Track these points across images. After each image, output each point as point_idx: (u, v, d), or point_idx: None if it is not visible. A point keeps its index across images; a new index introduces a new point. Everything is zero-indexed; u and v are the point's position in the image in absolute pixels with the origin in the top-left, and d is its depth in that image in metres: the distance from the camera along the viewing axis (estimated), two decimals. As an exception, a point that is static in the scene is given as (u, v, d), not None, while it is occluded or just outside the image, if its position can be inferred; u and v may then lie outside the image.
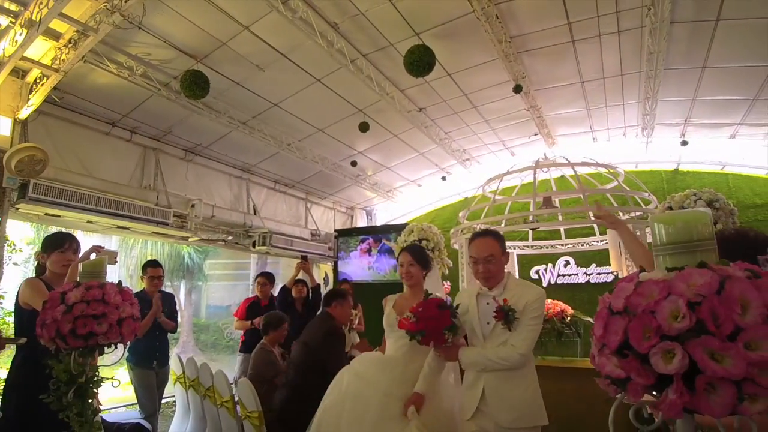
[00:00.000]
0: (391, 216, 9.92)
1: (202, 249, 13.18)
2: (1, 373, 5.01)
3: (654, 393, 0.88)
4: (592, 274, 7.73)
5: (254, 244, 7.08)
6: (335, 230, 8.98)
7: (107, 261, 2.04)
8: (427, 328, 2.15)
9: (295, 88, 5.36)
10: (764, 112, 5.89)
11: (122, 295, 1.90)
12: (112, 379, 2.02)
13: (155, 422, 4.13)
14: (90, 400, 1.92)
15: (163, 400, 4.56)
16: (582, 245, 6.84)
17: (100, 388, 1.99)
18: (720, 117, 6.27)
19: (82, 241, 2.72)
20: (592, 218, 5.41)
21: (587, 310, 4.78)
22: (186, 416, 4.34)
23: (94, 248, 2.42)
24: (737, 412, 0.78)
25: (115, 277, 2.02)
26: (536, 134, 7.07)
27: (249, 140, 6.11)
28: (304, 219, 8.47)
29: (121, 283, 1.95)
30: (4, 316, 7.09)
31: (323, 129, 6.37)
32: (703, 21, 4.36)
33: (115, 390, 2.23)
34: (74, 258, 2.48)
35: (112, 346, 1.91)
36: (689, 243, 0.95)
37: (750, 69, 5.03)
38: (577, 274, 7.87)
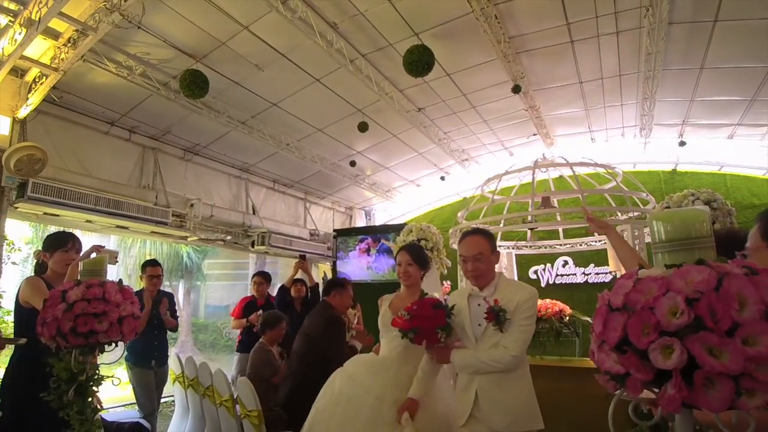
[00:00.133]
0: (390, 216, 9.93)
1: (200, 249, 13.17)
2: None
3: (654, 389, 0.89)
4: (590, 274, 7.75)
5: (253, 244, 7.08)
6: (334, 230, 8.98)
7: (108, 260, 2.04)
8: (421, 326, 2.11)
9: (294, 88, 5.37)
10: (762, 113, 5.92)
11: (122, 293, 1.91)
12: (112, 377, 2.02)
13: (154, 422, 4.13)
14: (90, 399, 1.93)
15: (162, 400, 4.56)
16: (580, 245, 6.86)
17: (100, 387, 1.99)
18: (718, 117, 6.29)
19: (82, 241, 2.72)
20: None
21: (585, 310, 4.80)
22: (185, 416, 4.34)
23: (95, 248, 2.41)
24: (735, 406, 0.79)
25: (114, 276, 2.02)
26: (535, 134, 7.08)
27: (248, 140, 6.12)
28: (303, 219, 8.47)
29: (121, 281, 1.96)
30: (3, 316, 7.08)
31: (322, 129, 6.38)
32: (701, 22, 4.38)
33: (114, 389, 2.24)
34: (76, 258, 2.48)
35: (113, 345, 1.91)
36: (687, 240, 0.96)
37: (748, 70, 5.05)
38: (575, 274, 7.89)
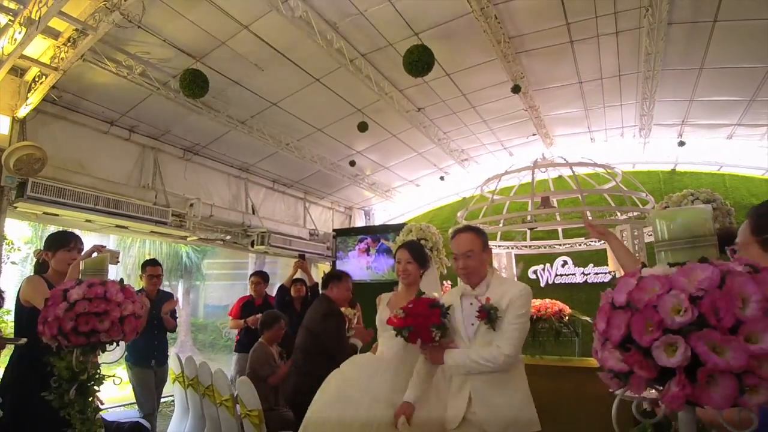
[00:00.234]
0: (390, 216, 9.93)
1: (200, 248, 13.16)
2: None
3: (656, 387, 0.89)
4: (589, 274, 7.76)
5: (252, 244, 7.09)
6: (333, 230, 8.98)
7: (109, 260, 2.04)
8: (415, 324, 2.09)
9: (294, 88, 5.37)
10: (761, 113, 5.93)
11: (124, 292, 1.90)
12: (113, 376, 2.02)
13: (154, 421, 4.12)
14: (91, 398, 1.92)
15: (162, 400, 4.56)
16: (579, 245, 6.86)
17: (101, 386, 1.99)
18: (717, 118, 6.30)
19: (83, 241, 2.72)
20: (590, 218, 5.46)
21: (585, 310, 4.81)
22: (185, 415, 4.34)
23: (96, 247, 2.40)
24: (739, 403, 0.79)
25: (113, 276, 2.01)
26: (534, 134, 7.09)
27: (248, 140, 6.12)
28: (303, 218, 8.47)
29: (123, 280, 1.95)
30: (2, 315, 7.07)
31: (322, 129, 6.38)
32: (701, 22, 4.39)
33: (114, 389, 2.23)
34: (78, 257, 2.47)
35: (114, 344, 1.91)
36: (690, 239, 0.96)
37: (747, 70, 5.07)
38: (574, 274, 7.90)
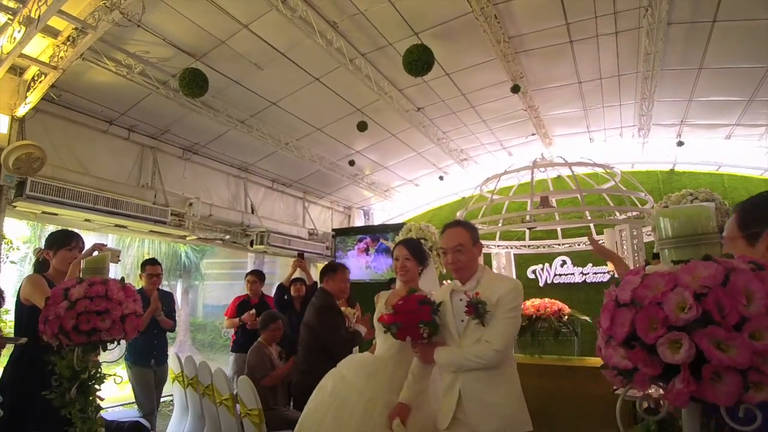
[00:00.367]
0: (389, 216, 9.92)
1: (199, 248, 13.15)
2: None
3: (659, 384, 0.89)
4: (588, 273, 7.75)
5: (252, 243, 7.08)
6: (333, 229, 8.98)
7: (110, 258, 2.04)
8: (404, 321, 2.07)
9: (293, 87, 5.37)
10: (760, 113, 5.95)
11: (125, 291, 1.90)
12: (114, 375, 2.02)
13: (153, 421, 4.11)
14: (92, 397, 1.92)
15: (162, 399, 4.56)
16: (578, 245, 6.87)
17: (102, 385, 1.98)
18: (716, 118, 6.31)
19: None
20: (589, 218, 5.47)
21: (584, 310, 4.82)
22: (184, 415, 4.33)
23: (96, 246, 2.40)
24: (743, 400, 0.80)
25: (112, 276, 2.01)
26: (533, 134, 7.10)
27: (247, 139, 6.11)
28: (302, 218, 8.47)
29: (123, 279, 1.95)
30: (1, 315, 7.05)
31: (321, 128, 6.37)
32: (700, 22, 4.40)
33: (113, 389, 2.23)
34: (78, 256, 2.47)
35: (115, 343, 1.91)
36: (693, 237, 0.97)
37: (746, 70, 5.08)
38: (573, 274, 7.89)
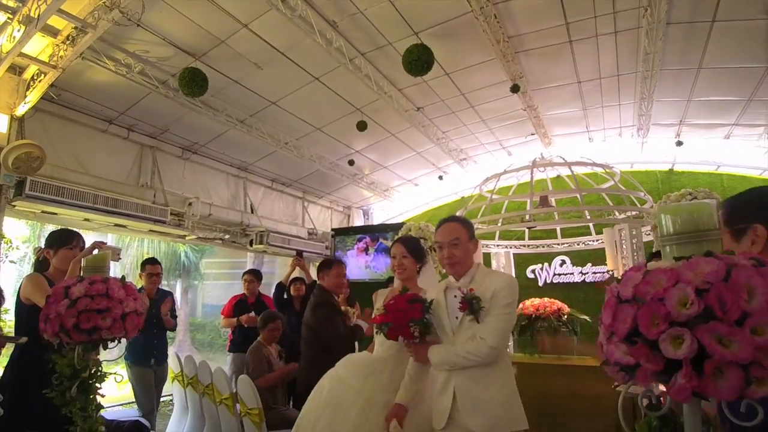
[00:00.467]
0: (388, 215, 9.93)
1: (198, 248, 13.14)
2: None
3: (662, 380, 0.89)
4: (587, 273, 7.77)
5: (251, 243, 7.08)
6: (332, 229, 8.98)
7: (110, 257, 2.04)
8: (394, 320, 2.05)
9: (293, 87, 5.37)
10: (759, 113, 5.96)
11: (125, 289, 1.90)
12: (115, 374, 2.01)
13: (153, 420, 4.11)
14: (92, 396, 1.92)
15: (161, 398, 4.55)
16: (578, 244, 6.91)
17: (103, 383, 1.98)
18: (715, 117, 6.33)
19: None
20: (588, 217, 5.48)
21: (583, 309, 4.83)
22: (184, 414, 4.33)
23: (96, 244, 2.39)
24: (744, 395, 0.80)
25: (113, 274, 2.00)
26: (533, 134, 7.11)
27: (246, 139, 6.11)
28: (301, 218, 8.47)
29: (124, 278, 1.95)
30: (0, 313, 7.03)
31: (321, 128, 6.38)
32: (699, 22, 4.41)
33: (113, 388, 2.22)
34: (79, 255, 2.47)
35: (116, 341, 1.91)
36: (695, 233, 0.97)
37: (745, 70, 5.09)
38: (572, 274, 7.90)
